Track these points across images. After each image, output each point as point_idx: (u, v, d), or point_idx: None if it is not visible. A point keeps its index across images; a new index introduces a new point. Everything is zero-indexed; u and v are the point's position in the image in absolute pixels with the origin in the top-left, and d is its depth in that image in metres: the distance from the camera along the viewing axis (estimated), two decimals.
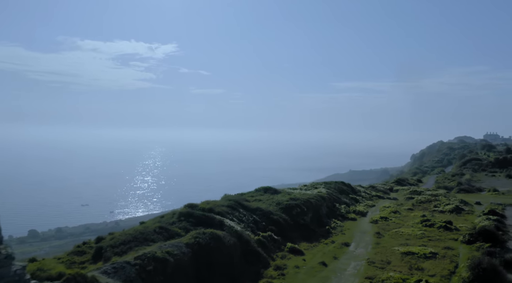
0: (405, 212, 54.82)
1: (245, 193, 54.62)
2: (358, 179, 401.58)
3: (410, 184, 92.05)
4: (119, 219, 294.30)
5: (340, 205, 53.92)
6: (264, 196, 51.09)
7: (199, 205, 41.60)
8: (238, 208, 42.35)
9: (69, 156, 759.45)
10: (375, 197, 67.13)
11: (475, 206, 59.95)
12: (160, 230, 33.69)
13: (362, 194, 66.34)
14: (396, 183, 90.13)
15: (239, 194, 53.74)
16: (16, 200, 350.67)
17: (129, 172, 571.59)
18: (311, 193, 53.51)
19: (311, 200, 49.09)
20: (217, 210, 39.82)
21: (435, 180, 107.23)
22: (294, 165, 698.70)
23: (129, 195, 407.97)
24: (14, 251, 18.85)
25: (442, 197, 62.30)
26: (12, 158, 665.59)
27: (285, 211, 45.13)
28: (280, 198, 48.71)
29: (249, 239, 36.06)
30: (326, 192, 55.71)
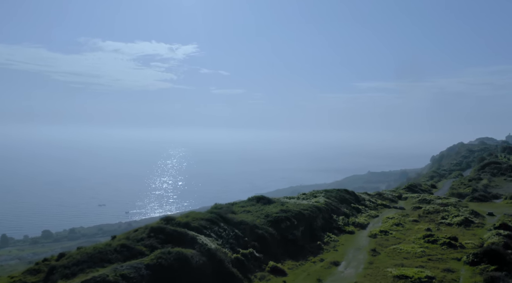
0: (409, 224, 50.53)
1: (237, 202, 51.28)
2: (377, 181, 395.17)
3: (423, 190, 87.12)
4: (133, 220, 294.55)
5: (338, 216, 49.95)
6: (255, 207, 47.58)
7: (176, 218, 38.32)
8: (219, 221, 38.87)
9: (88, 156, 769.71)
10: (380, 206, 62.81)
11: (487, 217, 55.16)
12: (122, 249, 30.47)
13: (367, 202, 62.14)
14: (407, 189, 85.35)
15: (229, 203, 50.41)
16: (33, 200, 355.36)
17: (148, 172, 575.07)
18: (306, 203, 49.73)
19: (303, 211, 45.32)
20: (193, 225, 36.43)
21: (451, 185, 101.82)
22: (313, 166, 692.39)
23: (146, 195, 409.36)
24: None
25: (452, 207, 57.60)
26: (30, 158, 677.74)
27: (273, 224, 41.52)
28: (270, 210, 45.12)
29: (224, 258, 32.56)
30: (324, 202, 51.82)
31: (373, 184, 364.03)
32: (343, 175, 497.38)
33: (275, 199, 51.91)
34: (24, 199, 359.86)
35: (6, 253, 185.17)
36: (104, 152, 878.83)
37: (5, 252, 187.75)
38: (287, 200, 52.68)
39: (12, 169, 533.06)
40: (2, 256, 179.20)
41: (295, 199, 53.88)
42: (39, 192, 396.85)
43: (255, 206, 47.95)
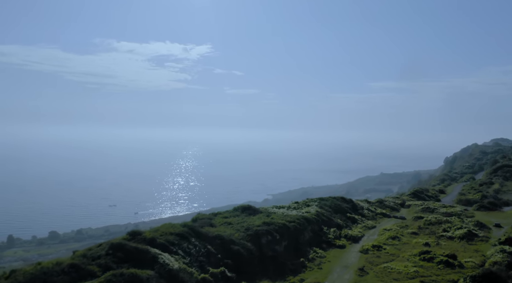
0: (407, 237, 46.49)
1: (221, 212, 47.78)
2: (388, 182, 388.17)
3: (429, 197, 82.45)
4: (142, 221, 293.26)
5: (330, 229, 46.15)
6: (238, 218, 44.04)
7: (144, 232, 35.08)
8: (191, 236, 35.43)
9: (101, 156, 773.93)
10: (379, 216, 58.70)
11: (493, 229, 50.76)
12: (70, 269, 27.22)
13: (365, 211, 58.09)
14: (412, 195, 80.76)
15: (212, 213, 46.99)
16: (44, 200, 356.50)
17: (161, 172, 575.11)
18: (295, 214, 46.04)
19: (289, 224, 41.64)
20: (159, 241, 33.08)
21: (460, 190, 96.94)
22: (325, 166, 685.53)
23: (157, 196, 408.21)
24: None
25: (456, 218, 53.27)
26: (43, 158, 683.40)
27: (252, 238, 37.95)
28: (252, 222, 41.54)
29: (187, 280, 29.16)
30: (315, 212, 48.06)
31: (385, 185, 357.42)
32: (355, 176, 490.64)
33: (262, 209, 48.35)
34: (35, 199, 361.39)
35: (11, 254, 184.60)
36: (117, 152, 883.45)
37: (10, 253, 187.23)
38: (276, 209, 49.07)
39: (23, 169, 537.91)
40: (6, 257, 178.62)
41: (284, 209, 50.25)
42: (51, 192, 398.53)
43: (239, 217, 44.43)
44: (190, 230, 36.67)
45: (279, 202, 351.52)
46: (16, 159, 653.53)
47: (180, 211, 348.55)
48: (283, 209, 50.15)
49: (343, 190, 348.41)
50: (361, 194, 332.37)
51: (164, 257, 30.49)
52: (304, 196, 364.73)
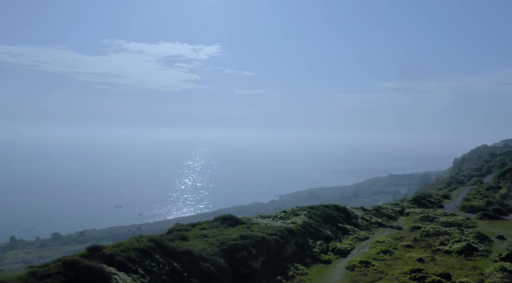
0: (401, 250, 42.89)
1: (201, 223, 44.47)
2: (397, 184, 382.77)
3: (431, 203, 78.41)
4: (147, 222, 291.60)
5: (316, 241, 42.68)
6: (215, 230, 40.77)
7: (104, 248, 31.99)
8: (155, 253, 32.18)
9: (110, 156, 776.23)
10: (374, 225, 54.97)
11: (496, 241, 46.92)
12: None
13: (359, 221, 54.44)
14: (414, 201, 76.77)
15: (190, 224, 43.83)
16: (52, 201, 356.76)
17: (169, 172, 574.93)
18: (279, 225, 42.69)
19: (268, 237, 38.30)
20: (118, 258, 29.88)
21: (466, 195, 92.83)
22: (333, 167, 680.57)
23: (164, 197, 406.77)
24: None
25: (455, 229, 49.33)
26: (52, 158, 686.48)
27: (226, 254, 34.70)
28: (229, 235, 38.29)
29: None
30: (302, 223, 44.65)
31: (393, 187, 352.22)
32: (363, 176, 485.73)
33: (244, 219, 45.01)
34: (42, 199, 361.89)
35: (13, 256, 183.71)
36: (126, 152, 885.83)
37: (11, 254, 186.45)
38: (260, 220, 45.72)
39: (31, 169, 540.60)
40: (7, 259, 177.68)
41: (270, 219, 46.89)
42: (59, 192, 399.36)
43: (217, 229, 41.18)
44: (156, 245, 33.43)
45: (285, 203, 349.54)
46: (25, 159, 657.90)
47: (186, 212, 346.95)
48: (268, 219, 46.81)
49: (351, 191, 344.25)
50: (369, 195, 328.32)
51: (118, 277, 27.29)
52: (311, 197, 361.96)
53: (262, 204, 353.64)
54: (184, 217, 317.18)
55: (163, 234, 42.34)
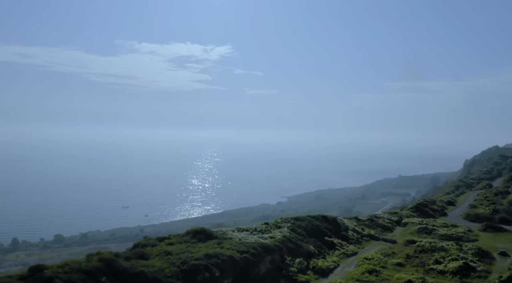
0: (389, 269, 38.50)
1: (171, 237, 40.55)
2: (406, 186, 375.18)
3: (433, 210, 73.43)
4: (152, 224, 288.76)
5: (295, 259, 38.49)
6: (181, 246, 36.83)
7: (46, 269, 28.22)
8: (101, 275, 28.42)
9: (121, 156, 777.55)
10: (366, 238, 50.48)
11: (498, 259, 42.22)
12: None
13: (349, 233, 50.03)
14: (414, 209, 71.86)
15: (158, 238, 39.95)
16: (60, 201, 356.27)
17: (178, 173, 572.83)
18: (255, 240, 38.63)
19: (238, 256, 34.26)
20: (57, 282, 26.16)
21: (473, 200, 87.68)
22: (343, 168, 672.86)
23: (172, 197, 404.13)
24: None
25: (452, 245, 44.54)
26: (63, 159, 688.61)
27: (186, 275, 30.81)
28: (194, 252, 34.31)
29: None
30: (281, 237, 40.48)
31: (402, 189, 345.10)
32: (373, 177, 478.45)
33: (218, 233, 40.99)
34: (51, 200, 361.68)
35: (13, 258, 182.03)
36: (137, 153, 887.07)
37: (12, 257, 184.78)
38: (236, 233, 41.66)
39: (42, 170, 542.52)
40: (7, 262, 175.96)
41: (248, 232, 42.84)
42: (68, 193, 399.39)
43: (185, 245, 37.25)
44: (105, 265, 29.67)
45: (293, 205, 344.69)
46: (36, 159, 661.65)
47: (192, 214, 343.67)
48: (245, 232, 42.75)
49: (359, 193, 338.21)
50: (377, 197, 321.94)
51: None
52: (319, 198, 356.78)
53: (269, 205, 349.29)
54: (190, 218, 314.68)
55: (128, 248, 38.75)
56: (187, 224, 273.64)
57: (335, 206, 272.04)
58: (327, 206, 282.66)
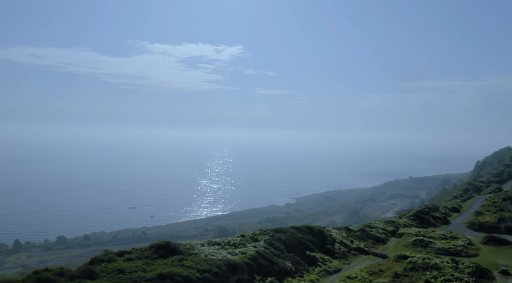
0: None
1: (132, 251, 36.81)
2: (416, 187, 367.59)
3: (435, 218, 68.48)
4: (157, 225, 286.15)
5: (266, 278, 34.35)
6: (139, 262, 33.11)
7: None
8: None
9: (131, 157, 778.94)
10: (354, 252, 45.98)
11: (498, 278, 37.54)
12: None
13: (336, 246, 45.61)
14: (414, 217, 66.93)
15: (118, 251, 36.13)
16: (68, 202, 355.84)
17: (188, 173, 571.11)
18: (222, 256, 34.57)
19: (196, 276, 30.33)
20: None
21: (479, 207, 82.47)
22: (354, 168, 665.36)
23: (180, 198, 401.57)
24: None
25: (447, 263, 39.76)
26: (74, 159, 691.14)
27: None
28: (149, 270, 30.58)
29: None
30: (253, 253, 36.33)
31: (413, 190, 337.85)
32: (384, 178, 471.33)
33: (184, 248, 36.96)
34: (59, 201, 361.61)
35: (14, 260, 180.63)
36: (148, 153, 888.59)
37: (13, 258, 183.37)
38: (205, 248, 37.59)
39: (51, 170, 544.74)
40: (7, 263, 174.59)
41: (218, 246, 38.78)
42: (77, 193, 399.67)
43: (143, 261, 33.45)
44: None
45: (300, 206, 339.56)
46: (46, 160, 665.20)
47: (199, 215, 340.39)
48: (216, 246, 38.68)
49: (368, 194, 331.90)
50: (386, 199, 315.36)
51: None
52: (328, 200, 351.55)
53: (277, 206, 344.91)
54: (196, 220, 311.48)
55: (85, 263, 35.22)
56: (191, 225, 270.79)
57: (342, 208, 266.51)
58: (334, 208, 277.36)
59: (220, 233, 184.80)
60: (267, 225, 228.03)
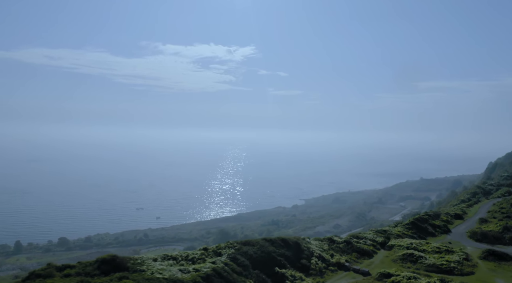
0: None
1: (76, 265, 32.46)
2: (427, 189, 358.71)
3: (435, 227, 62.79)
4: (162, 227, 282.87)
5: None
6: (76, 279, 28.65)
7: None
8: None
9: (144, 157, 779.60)
10: (332, 267, 40.86)
11: None
12: None
13: (313, 261, 40.57)
14: (411, 226, 61.20)
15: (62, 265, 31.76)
16: (76, 203, 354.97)
17: (199, 174, 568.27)
18: (169, 275, 29.93)
19: None
20: None
21: (486, 212, 76.69)
22: (365, 169, 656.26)
23: (189, 199, 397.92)
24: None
25: None
26: (87, 160, 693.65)
27: None
28: None
29: None
30: (207, 271, 31.71)
31: (423, 192, 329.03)
32: (395, 179, 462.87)
33: (137, 261, 32.49)
34: (67, 201, 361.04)
35: (13, 261, 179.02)
36: (160, 153, 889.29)
37: (12, 260, 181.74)
38: (156, 263, 33.06)
39: (63, 170, 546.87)
40: (7, 265, 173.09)
41: (173, 261, 34.15)
42: (86, 194, 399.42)
43: (82, 278, 29.13)
44: None
45: (308, 208, 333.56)
46: (54, 160, 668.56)
47: (206, 216, 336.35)
48: (171, 261, 34.17)
49: (377, 196, 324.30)
50: (395, 201, 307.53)
51: None
52: (336, 202, 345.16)
53: (284, 208, 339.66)
54: (203, 221, 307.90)
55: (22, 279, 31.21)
56: (196, 227, 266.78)
57: (349, 210, 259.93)
58: (341, 210, 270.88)
59: (221, 236, 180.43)
60: (270, 228, 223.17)
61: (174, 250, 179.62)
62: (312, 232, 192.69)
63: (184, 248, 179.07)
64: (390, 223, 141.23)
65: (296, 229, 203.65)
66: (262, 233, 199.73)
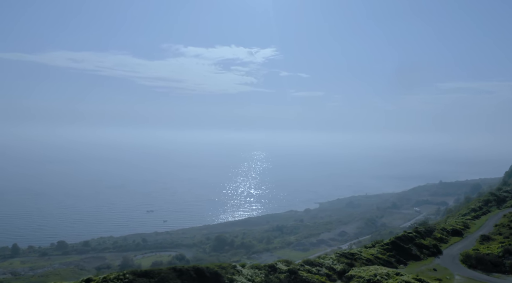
0: None
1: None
2: (444, 193, 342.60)
3: (422, 248, 51.95)
4: (167, 231, 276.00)
5: None
6: None
7: None
8: None
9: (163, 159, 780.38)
10: None
11: None
12: None
13: None
14: (390, 247, 50.20)
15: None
16: (87, 205, 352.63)
17: (216, 176, 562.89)
18: None
19: None
20: None
21: (492, 226, 65.63)
22: (384, 172, 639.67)
23: (202, 202, 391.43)
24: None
25: None
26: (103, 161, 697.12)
27: None
28: None
29: None
30: None
31: (441, 197, 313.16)
32: (414, 182, 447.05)
33: None
34: (79, 203, 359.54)
35: (6, 265, 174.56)
36: (178, 155, 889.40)
37: (6, 264, 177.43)
38: None
39: (79, 171, 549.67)
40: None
41: None
42: (99, 195, 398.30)
43: None
44: None
45: (320, 212, 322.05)
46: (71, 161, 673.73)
47: (215, 220, 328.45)
48: None
49: (391, 201, 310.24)
50: (410, 206, 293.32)
51: None
52: (350, 206, 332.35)
53: (296, 212, 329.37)
54: (211, 225, 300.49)
55: None
56: (200, 231, 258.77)
57: (360, 215, 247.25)
58: (352, 215, 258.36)
59: (217, 243, 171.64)
60: (274, 234, 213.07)
61: (169, 257, 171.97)
62: (315, 240, 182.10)
63: (175, 254, 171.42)
64: (400, 231, 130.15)
65: (299, 236, 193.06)
66: (262, 240, 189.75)
